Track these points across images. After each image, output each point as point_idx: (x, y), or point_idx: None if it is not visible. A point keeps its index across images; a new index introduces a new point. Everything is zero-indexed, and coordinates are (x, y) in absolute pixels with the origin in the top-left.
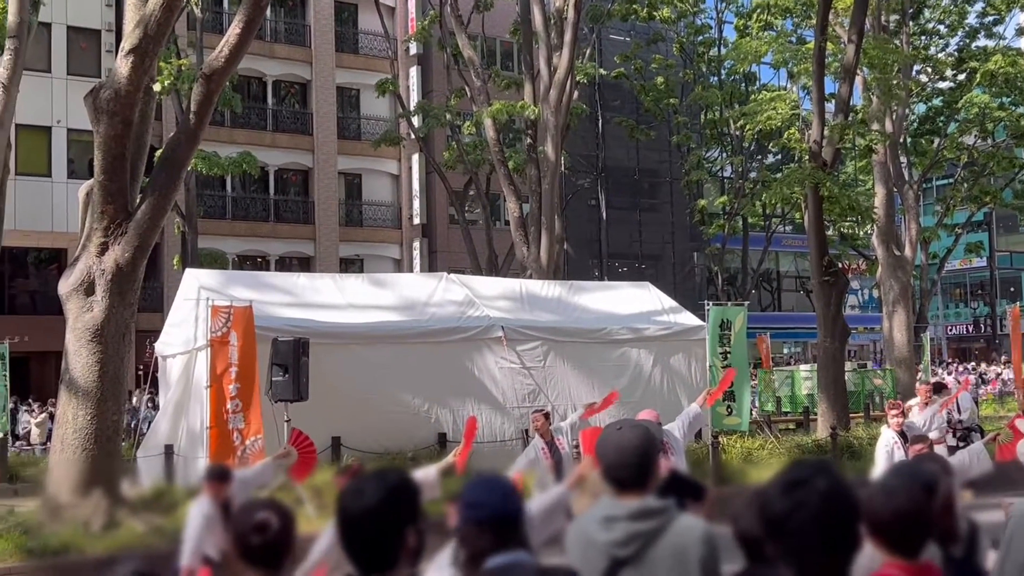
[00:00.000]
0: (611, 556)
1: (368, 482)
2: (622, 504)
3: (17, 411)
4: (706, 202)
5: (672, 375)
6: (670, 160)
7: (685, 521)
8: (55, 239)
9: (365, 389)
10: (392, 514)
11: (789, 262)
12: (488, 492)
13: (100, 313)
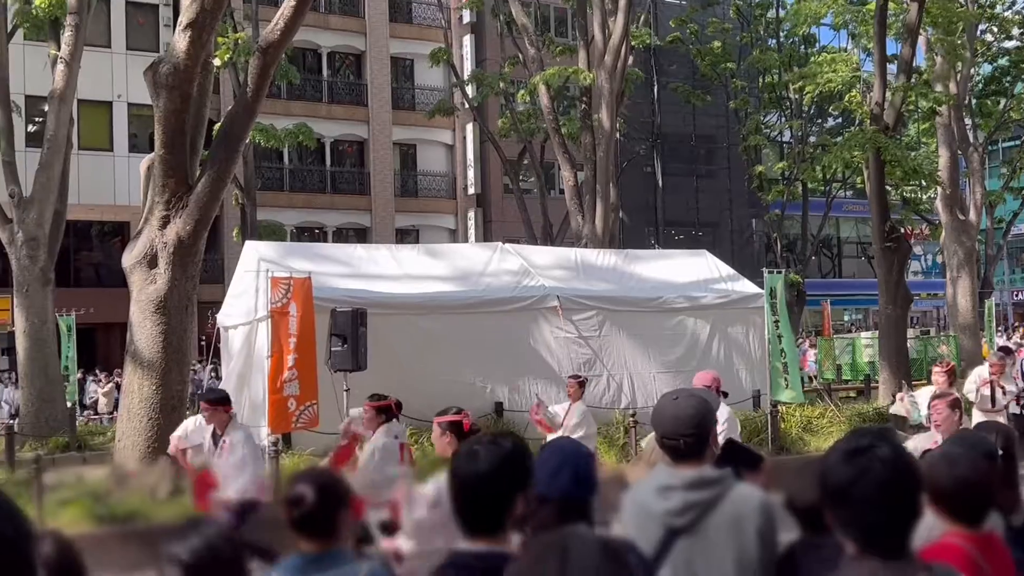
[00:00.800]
0: (667, 525)
1: (483, 447)
2: (678, 474)
3: (85, 381)
4: (764, 167)
5: (729, 344)
6: (727, 125)
7: (742, 490)
8: (117, 212)
9: (421, 359)
10: (504, 480)
11: (850, 228)
12: (561, 474)
13: (163, 285)
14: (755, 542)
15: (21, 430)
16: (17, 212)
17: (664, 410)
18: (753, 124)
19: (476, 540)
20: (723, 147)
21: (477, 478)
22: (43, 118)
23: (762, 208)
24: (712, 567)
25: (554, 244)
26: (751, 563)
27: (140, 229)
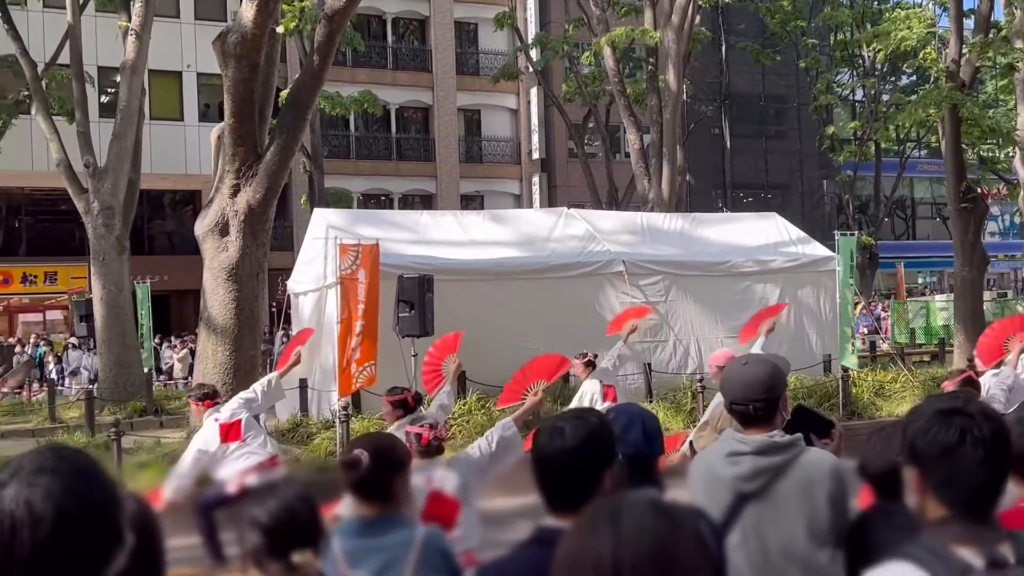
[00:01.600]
0: (736, 491)
1: (568, 423)
2: (748, 439)
3: (160, 347)
4: (836, 127)
5: (800, 308)
6: (797, 85)
7: (813, 455)
8: (189, 181)
9: (487, 325)
10: (590, 456)
11: (924, 188)
12: (632, 429)
13: (235, 253)
14: (826, 508)
15: (100, 395)
16: (93, 182)
17: (733, 376)
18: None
19: (562, 517)
20: (793, 107)
21: (563, 454)
22: (115, 89)
23: (833, 169)
24: (782, 532)
25: (620, 208)
26: (822, 529)
27: (211, 198)
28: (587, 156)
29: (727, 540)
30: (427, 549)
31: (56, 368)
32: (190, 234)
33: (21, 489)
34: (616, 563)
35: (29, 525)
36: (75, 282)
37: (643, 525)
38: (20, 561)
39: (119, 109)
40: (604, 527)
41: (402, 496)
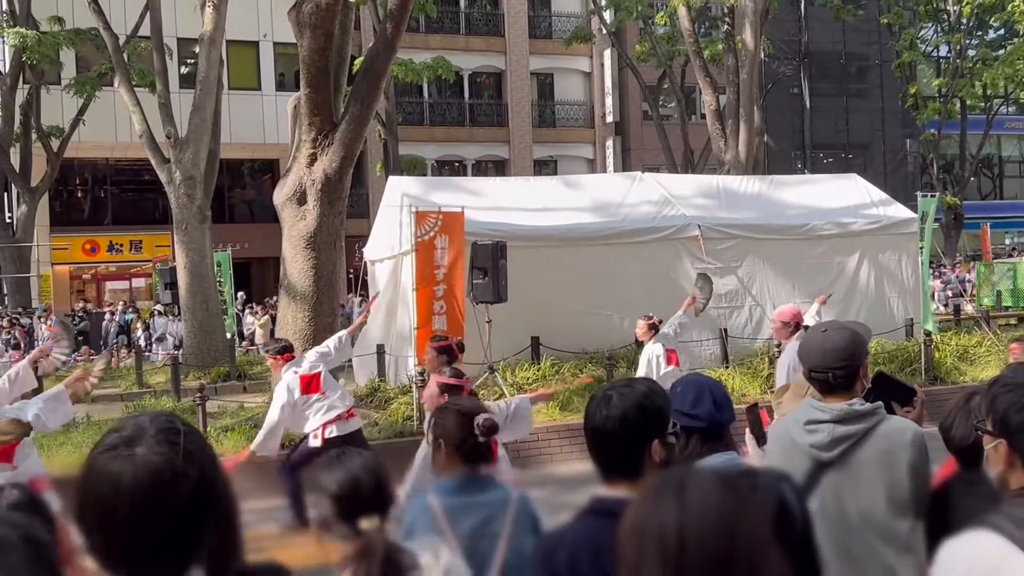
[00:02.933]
0: (815, 459)
1: (616, 391)
2: (827, 407)
3: (242, 314)
4: (919, 85)
5: (880, 271)
6: (879, 42)
7: (894, 424)
8: (267, 150)
9: (561, 291)
10: (635, 426)
11: (1012, 146)
12: (702, 401)
13: (312, 221)
14: (907, 476)
15: (185, 360)
16: (174, 152)
17: (813, 343)
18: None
19: (613, 486)
20: (875, 65)
21: (609, 422)
22: (194, 60)
23: (917, 128)
24: (862, 501)
25: (695, 171)
26: (902, 498)
27: (289, 167)
28: (662, 118)
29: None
30: (522, 510)
31: (143, 334)
32: (269, 202)
33: (158, 448)
34: (680, 535)
35: (170, 484)
36: (159, 250)
37: (708, 498)
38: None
39: (198, 80)
40: (670, 498)
41: (494, 458)
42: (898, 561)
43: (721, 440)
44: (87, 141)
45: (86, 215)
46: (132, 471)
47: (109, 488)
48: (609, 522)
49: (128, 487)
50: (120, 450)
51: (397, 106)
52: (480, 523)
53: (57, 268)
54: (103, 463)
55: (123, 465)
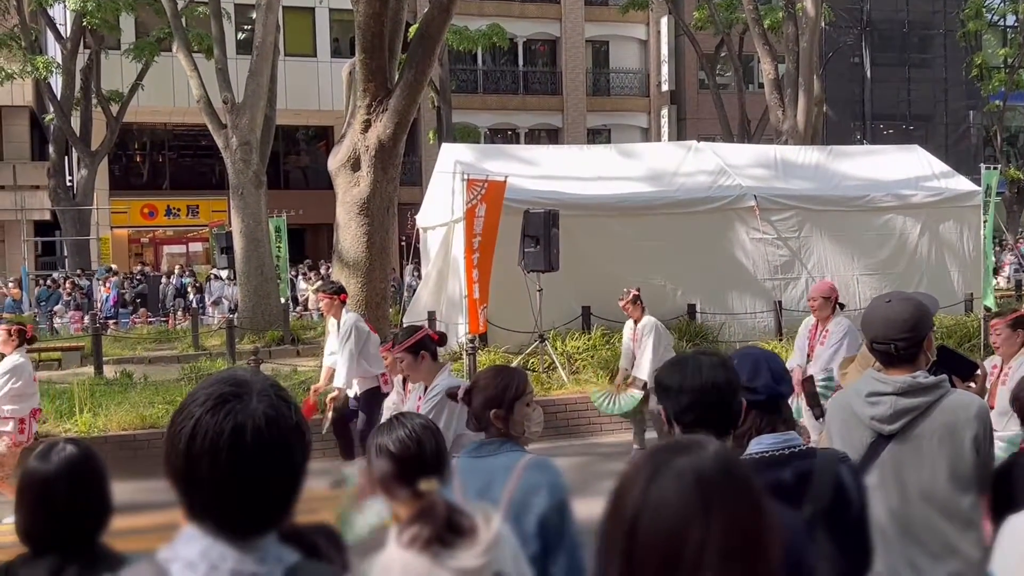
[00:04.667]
0: (876, 431)
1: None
2: (890, 379)
3: (296, 279)
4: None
5: (941, 244)
6: (944, 9)
7: (958, 398)
8: (322, 117)
9: (614, 260)
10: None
11: None
12: (759, 373)
13: (366, 188)
14: (970, 451)
15: (240, 324)
16: (231, 118)
17: (876, 313)
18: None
19: None
20: (938, 34)
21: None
22: (251, 26)
23: (981, 99)
24: (923, 475)
25: (752, 141)
26: (965, 473)
27: (343, 133)
28: (718, 87)
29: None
30: (527, 473)
31: (196, 297)
32: (324, 169)
33: (260, 403)
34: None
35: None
36: (215, 215)
37: (668, 493)
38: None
39: (255, 46)
40: (640, 482)
41: (504, 426)
42: (960, 537)
43: (779, 414)
44: (146, 106)
45: (144, 179)
46: (252, 424)
47: (227, 442)
48: None
49: (250, 441)
50: (233, 404)
51: (451, 74)
52: (483, 484)
53: (116, 232)
54: (211, 420)
55: (242, 419)
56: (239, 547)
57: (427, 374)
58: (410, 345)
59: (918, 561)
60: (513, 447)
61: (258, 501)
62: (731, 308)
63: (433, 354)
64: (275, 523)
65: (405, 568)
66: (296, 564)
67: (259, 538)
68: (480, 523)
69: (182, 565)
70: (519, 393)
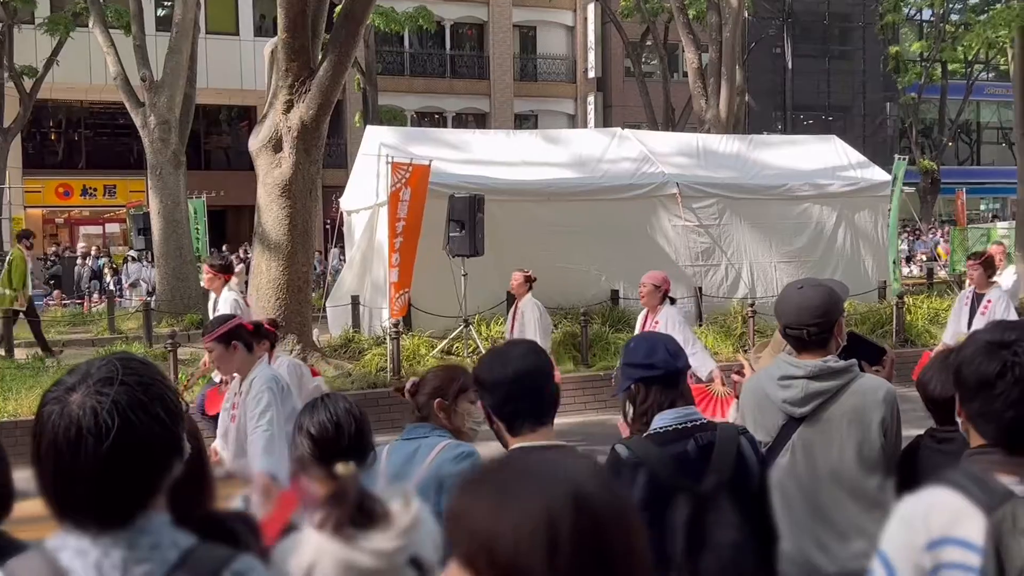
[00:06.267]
0: (788, 414)
1: (510, 344)
2: (801, 363)
3: None
4: (901, 48)
5: (856, 233)
6: (864, 3)
7: (867, 382)
8: (244, 96)
9: (538, 245)
10: (545, 366)
11: (991, 112)
12: (656, 351)
13: (288, 169)
14: (878, 434)
15: (157, 307)
16: (149, 96)
17: (789, 300)
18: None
19: (534, 434)
20: (858, 26)
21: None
22: (171, 2)
23: (897, 91)
24: (832, 457)
25: (676, 129)
26: (873, 455)
27: (265, 113)
28: (644, 75)
29: (776, 462)
30: (444, 453)
31: (114, 280)
32: (246, 149)
33: (88, 397)
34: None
35: (94, 433)
36: (133, 196)
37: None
38: (84, 467)
39: (174, 22)
40: (484, 495)
41: (447, 417)
42: (867, 517)
43: (678, 388)
44: (61, 83)
45: (60, 158)
46: (57, 419)
47: (43, 432)
48: None
49: (50, 435)
50: (60, 394)
51: (377, 55)
52: (404, 459)
53: (30, 211)
54: (45, 407)
55: (53, 410)
56: (116, 536)
57: (241, 366)
58: (220, 335)
59: (826, 540)
60: (443, 433)
61: (98, 492)
62: None
63: (247, 345)
64: (132, 512)
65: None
66: (191, 548)
67: (125, 528)
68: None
69: (72, 553)
70: (464, 388)
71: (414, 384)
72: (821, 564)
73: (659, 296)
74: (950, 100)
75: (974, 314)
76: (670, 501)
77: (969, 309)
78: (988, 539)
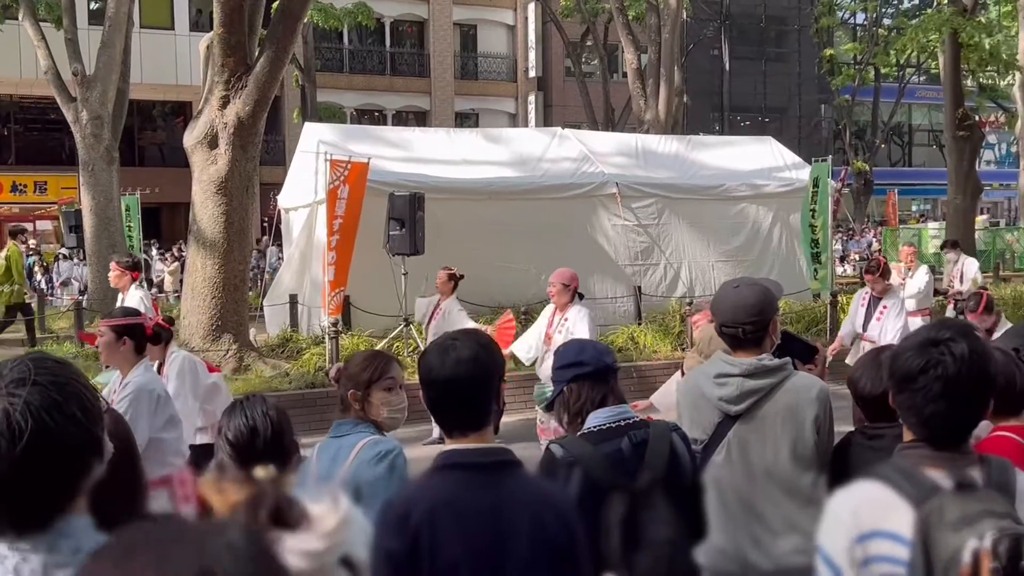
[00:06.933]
0: (723, 411)
1: (458, 340)
2: (737, 361)
3: (151, 260)
4: (836, 51)
5: (792, 233)
6: (799, 6)
7: (800, 380)
8: (180, 92)
9: (478, 244)
10: (487, 371)
11: (922, 115)
12: (585, 350)
13: (224, 166)
14: (811, 431)
15: (89, 306)
16: (81, 90)
17: (724, 298)
18: (826, 5)
19: (464, 438)
20: (794, 29)
21: (463, 369)
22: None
23: (832, 94)
24: (767, 454)
25: (616, 129)
26: (806, 451)
27: (200, 109)
28: (584, 75)
29: (712, 460)
30: (364, 452)
31: (44, 278)
32: (181, 146)
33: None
34: None
35: (6, 436)
36: (65, 192)
37: None
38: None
39: (107, 16)
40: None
41: (362, 408)
42: (801, 513)
43: (608, 385)
44: None
45: None
46: None
47: None
48: (466, 475)
49: None
50: None
51: (316, 52)
52: (330, 459)
53: None
54: None
55: None
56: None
57: (123, 362)
58: (117, 325)
59: (761, 536)
60: (365, 428)
61: (13, 496)
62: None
63: (138, 347)
64: (50, 516)
65: None
66: None
67: (44, 532)
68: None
69: None
70: (376, 376)
71: (338, 370)
72: (756, 560)
73: (569, 294)
74: (883, 103)
75: (870, 317)
76: (605, 499)
77: (865, 311)
78: (916, 532)
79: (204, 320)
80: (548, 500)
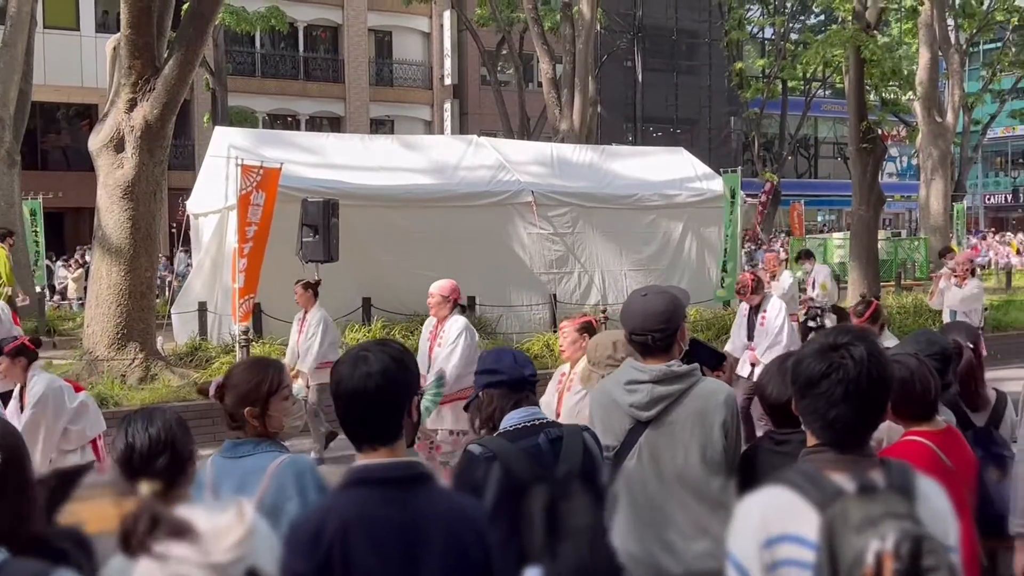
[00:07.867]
0: (633, 418)
1: (371, 351)
2: (646, 368)
3: (54, 266)
4: (745, 64)
5: (703, 242)
6: (710, 20)
7: (708, 386)
8: (85, 94)
9: (393, 251)
10: (399, 384)
11: (828, 128)
12: (502, 359)
13: (130, 170)
14: (719, 436)
15: None
16: None
17: (633, 306)
18: (736, 19)
19: (374, 453)
20: (705, 43)
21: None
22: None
23: (741, 106)
24: (677, 459)
25: (531, 138)
26: (715, 456)
27: (106, 112)
28: (500, 84)
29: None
30: (278, 473)
31: None
32: (86, 149)
33: None
34: None
35: None
36: None
37: None
38: None
39: (8, 15)
40: None
41: (262, 424)
42: (711, 517)
43: (523, 394)
44: None
45: None
46: None
47: None
48: (377, 491)
49: None
50: None
51: (228, 55)
52: (237, 486)
53: None
54: None
55: None
56: None
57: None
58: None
59: (672, 541)
60: (269, 447)
61: None
62: (509, 301)
63: None
64: None
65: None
66: (1, 563)
67: None
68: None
69: None
70: (274, 388)
71: (218, 386)
72: (667, 565)
73: (448, 306)
74: (790, 115)
75: (753, 327)
76: (526, 491)
77: (747, 322)
78: (821, 535)
79: (109, 328)
80: (461, 513)
